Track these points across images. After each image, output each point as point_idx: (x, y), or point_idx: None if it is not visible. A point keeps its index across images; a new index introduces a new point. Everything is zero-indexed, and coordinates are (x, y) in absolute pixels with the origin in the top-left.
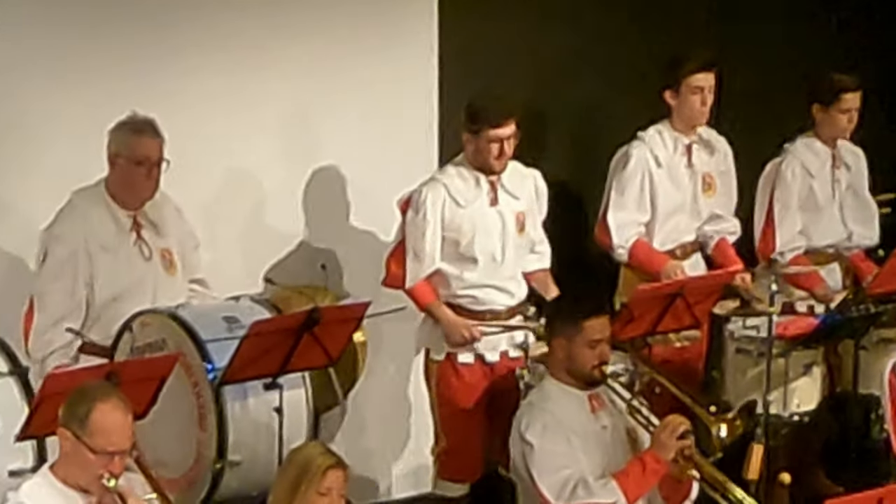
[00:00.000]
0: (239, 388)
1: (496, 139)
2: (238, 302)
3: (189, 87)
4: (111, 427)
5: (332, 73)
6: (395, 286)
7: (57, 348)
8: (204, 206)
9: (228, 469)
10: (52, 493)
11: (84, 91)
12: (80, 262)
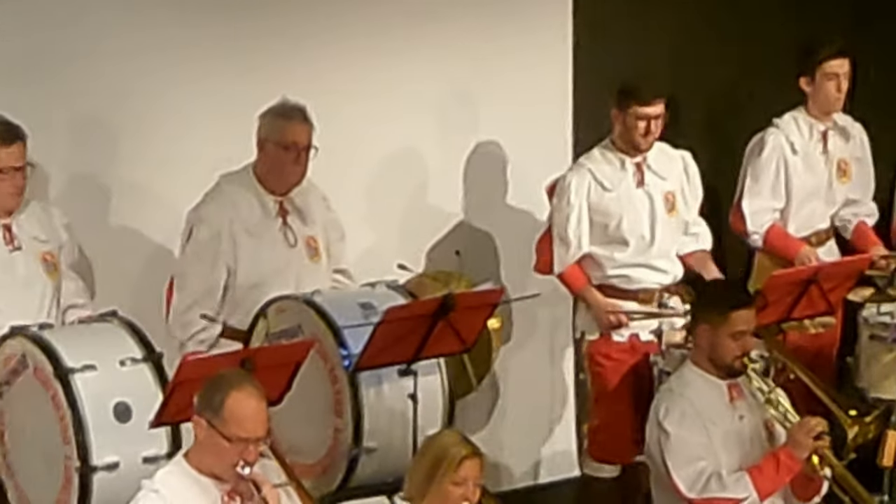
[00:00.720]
0: (374, 375)
1: (644, 117)
2: (374, 288)
3: (344, 69)
4: (245, 415)
5: (481, 53)
6: (546, 272)
7: (198, 331)
8: (366, 187)
9: (364, 456)
10: (186, 481)
11: (232, 75)
12: (224, 244)
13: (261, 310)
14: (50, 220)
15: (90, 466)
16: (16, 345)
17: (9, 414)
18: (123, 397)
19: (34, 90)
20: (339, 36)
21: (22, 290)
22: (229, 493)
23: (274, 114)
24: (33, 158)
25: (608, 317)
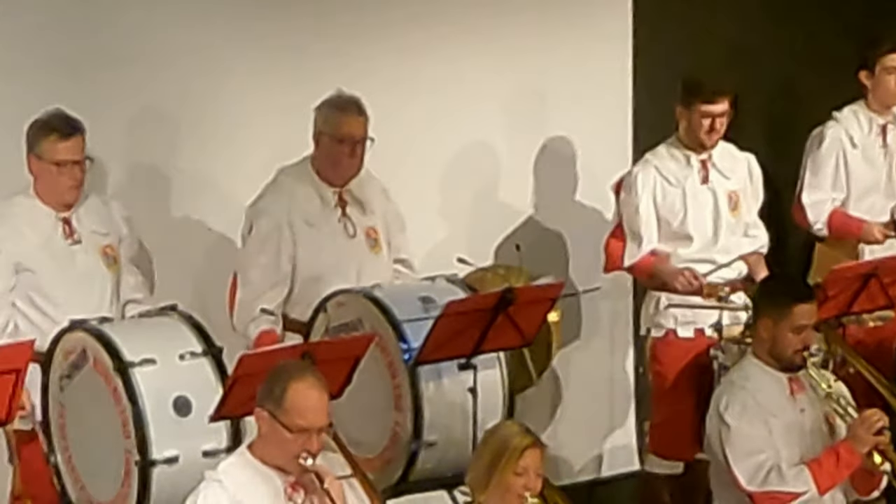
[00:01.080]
0: (433, 369)
1: (708, 115)
2: (433, 282)
3: (412, 64)
4: (307, 405)
5: (548, 48)
6: (616, 267)
7: (256, 318)
8: (436, 182)
9: (424, 449)
10: (249, 473)
11: (290, 68)
12: (284, 236)
13: (321, 304)
14: (109, 214)
15: (150, 460)
16: (76, 339)
17: (69, 407)
18: (183, 391)
19: (93, 85)
20: (407, 30)
21: (82, 284)
22: (292, 485)
23: (329, 106)
24: (92, 152)
25: (683, 277)
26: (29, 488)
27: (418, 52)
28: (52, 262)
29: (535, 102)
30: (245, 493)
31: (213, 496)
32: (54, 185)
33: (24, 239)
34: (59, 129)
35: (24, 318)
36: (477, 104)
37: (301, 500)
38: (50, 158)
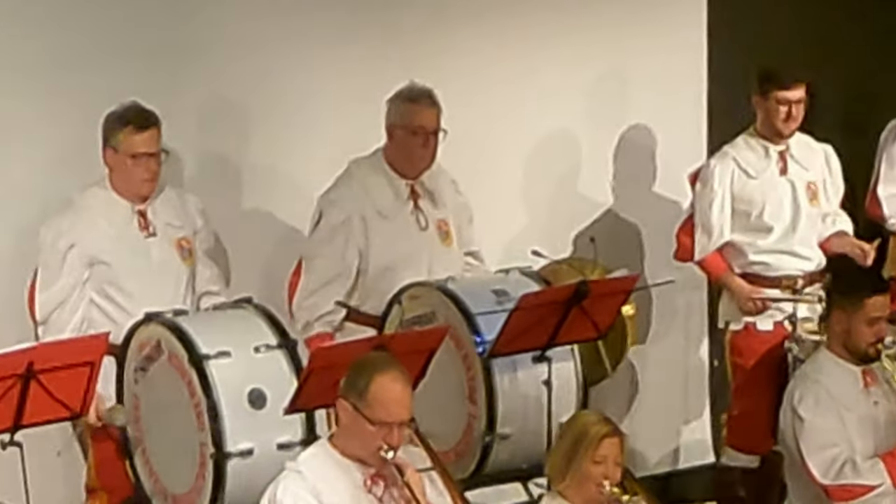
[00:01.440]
0: (508, 361)
1: (784, 101)
2: (507, 275)
3: (490, 54)
4: (390, 398)
5: (625, 37)
6: (686, 259)
7: (322, 314)
8: (514, 173)
9: (498, 442)
10: (329, 464)
11: (363, 59)
12: (355, 227)
13: (395, 296)
14: (185, 207)
15: (225, 453)
16: (151, 331)
17: (144, 400)
18: (258, 384)
19: (168, 77)
20: (483, 21)
21: (157, 277)
22: (372, 478)
23: (401, 98)
24: (167, 144)
25: (749, 302)
26: (103, 481)
27: (494, 43)
28: (128, 255)
29: (612, 93)
30: (325, 485)
31: (292, 487)
32: (130, 177)
33: (100, 231)
34: (135, 122)
35: (99, 310)
36: (553, 95)
37: (380, 492)
38: (126, 151)
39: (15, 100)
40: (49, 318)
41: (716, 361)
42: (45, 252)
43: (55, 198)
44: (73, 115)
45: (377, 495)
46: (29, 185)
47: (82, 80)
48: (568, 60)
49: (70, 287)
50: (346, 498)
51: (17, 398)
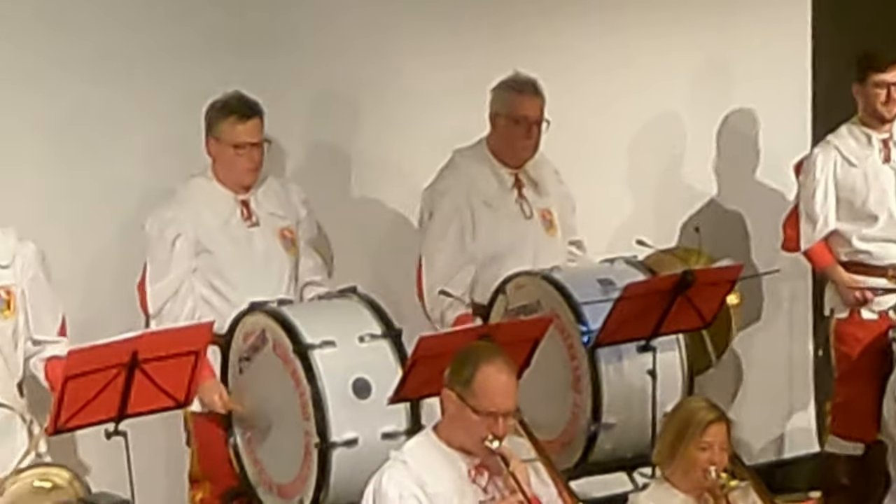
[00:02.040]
0: (613, 351)
1: (882, 84)
2: (612, 264)
3: (595, 42)
4: (496, 389)
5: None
6: (793, 250)
7: (446, 308)
8: (618, 161)
9: (603, 431)
10: (434, 453)
11: (468, 49)
12: (464, 217)
13: (500, 286)
14: (288, 196)
15: (329, 442)
16: (256, 321)
17: (249, 389)
18: (363, 373)
19: (273, 66)
20: (587, 9)
21: (260, 267)
22: (477, 468)
23: (505, 88)
24: (271, 134)
25: (853, 294)
26: (207, 470)
27: (598, 32)
28: (231, 245)
29: (717, 81)
30: (429, 474)
31: (397, 476)
32: (232, 167)
33: (203, 221)
34: (238, 112)
35: (203, 300)
36: (657, 84)
37: (485, 482)
38: (229, 140)
39: (117, 91)
40: (162, 310)
41: (820, 350)
42: (152, 244)
43: (158, 189)
44: (176, 106)
45: (481, 485)
46: (131, 177)
47: (185, 71)
48: (671, 49)
49: (180, 278)
50: (450, 488)
51: (122, 387)
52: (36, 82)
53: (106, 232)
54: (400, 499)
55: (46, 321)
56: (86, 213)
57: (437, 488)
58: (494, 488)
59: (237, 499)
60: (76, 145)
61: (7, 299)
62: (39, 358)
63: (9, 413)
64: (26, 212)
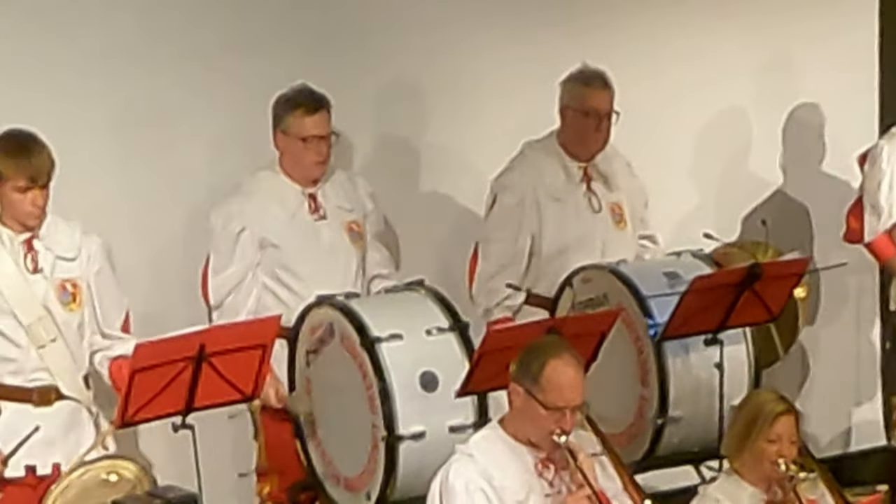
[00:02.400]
0: (679, 344)
1: None
2: (679, 258)
3: (660, 35)
4: (563, 383)
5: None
6: (855, 241)
7: (501, 299)
8: (685, 154)
9: (669, 425)
10: (500, 447)
11: (536, 42)
12: (528, 211)
13: (566, 279)
14: (355, 190)
15: (396, 436)
16: (323, 314)
17: (315, 383)
18: (430, 367)
19: (340, 59)
20: (654, 3)
21: (327, 260)
22: (543, 461)
23: (574, 81)
24: (338, 127)
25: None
26: (274, 463)
27: (665, 25)
28: (298, 238)
29: (783, 74)
30: (496, 468)
31: (464, 470)
32: (300, 160)
33: (270, 215)
34: (306, 104)
35: (270, 293)
36: (724, 76)
37: (551, 476)
38: (296, 133)
39: (184, 84)
40: (223, 302)
41: (887, 343)
42: (216, 236)
43: (224, 182)
44: (244, 100)
45: (548, 479)
46: (198, 170)
47: (253, 65)
48: (738, 41)
49: (243, 271)
50: (517, 481)
51: (189, 381)
52: (104, 76)
53: (172, 226)
54: (467, 493)
55: (111, 315)
56: (152, 206)
57: (503, 482)
58: (560, 482)
59: (304, 492)
60: (143, 139)
61: (73, 293)
62: (106, 356)
63: (75, 405)
64: (92, 205)
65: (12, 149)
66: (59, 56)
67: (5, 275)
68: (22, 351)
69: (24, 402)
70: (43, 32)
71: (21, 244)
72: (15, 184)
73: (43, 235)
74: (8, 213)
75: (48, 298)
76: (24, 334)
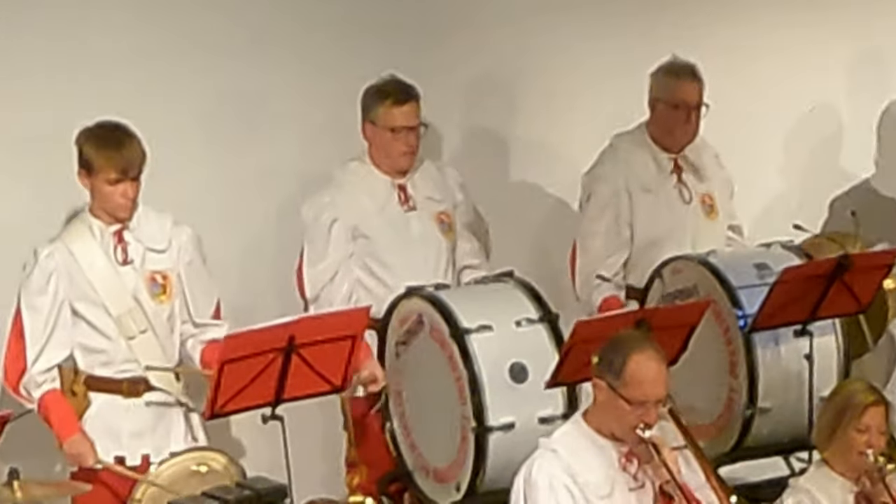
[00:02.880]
0: (769, 335)
1: None
2: (769, 249)
3: (749, 27)
4: (646, 377)
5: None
6: None
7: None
8: (775, 145)
9: (759, 416)
10: (583, 442)
11: (626, 34)
12: (622, 202)
13: (656, 270)
14: (444, 180)
15: (486, 427)
16: (412, 305)
17: (405, 374)
18: (519, 358)
19: (429, 50)
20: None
21: (417, 251)
22: (627, 456)
23: (664, 73)
24: (427, 118)
25: None
26: (364, 455)
27: (755, 17)
28: (388, 229)
29: (874, 68)
30: (579, 463)
31: (547, 466)
32: (389, 151)
33: (361, 206)
34: (395, 95)
35: (360, 284)
36: (814, 69)
37: (634, 470)
38: (385, 124)
39: (275, 76)
40: (319, 295)
41: None
42: (309, 229)
43: (314, 174)
44: (333, 91)
45: (631, 473)
46: (288, 162)
47: (342, 56)
48: (830, 34)
49: (337, 262)
50: (601, 476)
51: (279, 372)
52: (193, 67)
53: (262, 217)
54: (550, 489)
55: (202, 306)
56: (242, 197)
57: (587, 477)
58: (644, 476)
59: (394, 483)
60: (233, 130)
61: (163, 284)
62: (198, 340)
63: (165, 397)
64: (183, 196)
65: (104, 141)
66: (150, 48)
67: (95, 266)
68: (112, 342)
69: (113, 394)
70: (134, 24)
71: (111, 236)
72: (106, 176)
73: (133, 227)
74: (99, 204)
75: (138, 290)
76: (114, 326)
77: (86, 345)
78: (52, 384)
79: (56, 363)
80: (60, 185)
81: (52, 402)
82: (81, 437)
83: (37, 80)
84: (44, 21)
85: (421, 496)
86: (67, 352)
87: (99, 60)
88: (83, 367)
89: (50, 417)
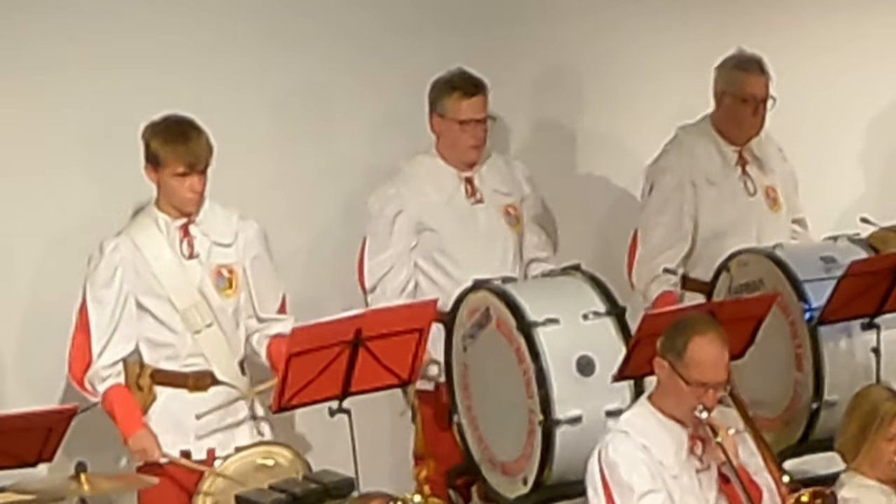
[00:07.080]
0: (836, 329)
1: None
2: (836, 242)
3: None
4: (706, 360)
5: None
6: None
7: (661, 282)
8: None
9: (825, 409)
10: (651, 422)
11: (692, 27)
12: (686, 194)
13: (723, 263)
14: (512, 173)
15: (553, 420)
16: (480, 298)
17: (472, 367)
18: (586, 351)
19: (497, 43)
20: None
21: (484, 243)
22: (693, 438)
23: (731, 66)
24: (494, 111)
25: None
26: (431, 447)
27: (822, 10)
28: (455, 222)
29: None
30: (650, 441)
31: (622, 447)
32: (456, 143)
33: (427, 198)
34: (463, 88)
35: (426, 277)
36: (880, 61)
37: (700, 452)
38: (453, 117)
39: (342, 69)
40: (378, 286)
41: None
42: (373, 220)
43: (381, 167)
44: (401, 84)
45: (698, 455)
46: (355, 155)
47: (410, 49)
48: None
49: (398, 254)
50: (670, 457)
51: (346, 365)
52: (261, 60)
53: (329, 210)
54: (632, 465)
55: (267, 300)
56: (309, 191)
57: (659, 456)
58: (709, 459)
59: (461, 476)
60: (301, 124)
61: (229, 278)
62: (264, 334)
63: (231, 391)
64: (250, 190)
65: (171, 135)
66: (217, 41)
67: (161, 260)
68: (177, 336)
69: (179, 388)
70: (200, 18)
71: (177, 229)
72: (173, 170)
73: (199, 221)
74: (166, 198)
75: (204, 284)
76: (180, 320)
77: (152, 339)
78: (117, 379)
79: (121, 357)
80: (128, 180)
81: (116, 398)
82: (145, 433)
83: (104, 75)
84: (112, 16)
85: (488, 489)
86: (132, 346)
87: (166, 55)
88: (149, 361)
89: (114, 413)
